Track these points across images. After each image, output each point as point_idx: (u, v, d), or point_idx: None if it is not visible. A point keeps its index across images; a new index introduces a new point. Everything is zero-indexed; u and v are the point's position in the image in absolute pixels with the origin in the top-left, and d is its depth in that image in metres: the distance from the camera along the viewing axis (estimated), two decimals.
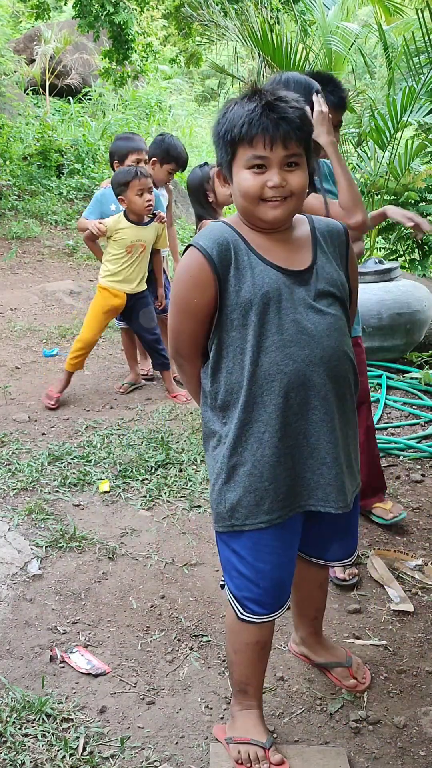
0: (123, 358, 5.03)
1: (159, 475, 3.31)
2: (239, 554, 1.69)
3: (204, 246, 1.58)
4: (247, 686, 1.83)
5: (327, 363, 1.62)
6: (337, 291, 1.67)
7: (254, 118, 1.51)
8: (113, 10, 8.58)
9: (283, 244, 1.64)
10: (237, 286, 1.57)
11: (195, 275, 1.59)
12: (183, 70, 14.87)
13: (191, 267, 1.60)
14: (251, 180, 1.55)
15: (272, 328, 1.57)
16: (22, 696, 2.01)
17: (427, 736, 1.92)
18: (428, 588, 2.53)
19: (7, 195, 8.81)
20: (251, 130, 1.52)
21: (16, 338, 5.45)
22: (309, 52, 6.15)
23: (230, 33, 6.24)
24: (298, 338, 1.58)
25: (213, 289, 1.58)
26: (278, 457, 1.61)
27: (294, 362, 1.58)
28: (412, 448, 3.58)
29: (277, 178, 1.54)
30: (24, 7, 11.21)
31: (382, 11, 6.69)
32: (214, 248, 1.57)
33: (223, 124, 1.57)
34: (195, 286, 1.59)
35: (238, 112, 1.54)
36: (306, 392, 1.60)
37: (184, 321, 1.65)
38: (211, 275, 1.57)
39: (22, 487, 3.18)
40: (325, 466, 1.65)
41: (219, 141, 1.60)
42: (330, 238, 1.70)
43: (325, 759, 1.81)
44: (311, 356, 1.59)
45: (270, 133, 1.51)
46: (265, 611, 1.73)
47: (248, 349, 1.58)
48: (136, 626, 2.34)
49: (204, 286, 1.58)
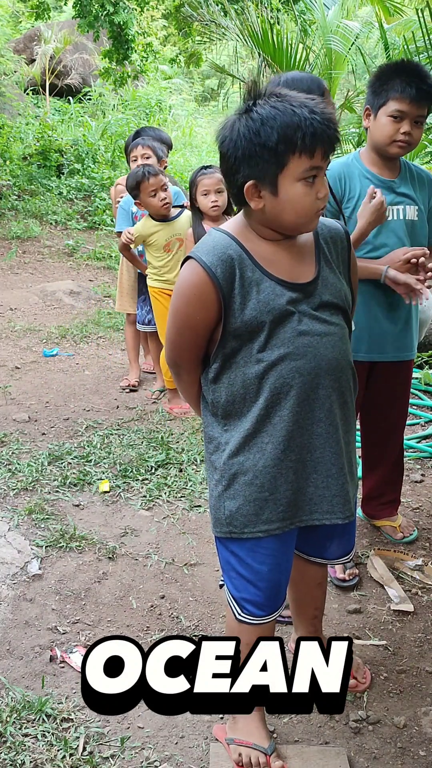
0: (123, 359, 5.03)
1: (159, 475, 3.31)
2: (237, 556, 1.70)
3: (208, 263, 1.53)
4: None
5: (332, 375, 1.61)
6: (340, 301, 1.65)
7: (319, 129, 1.44)
8: (113, 10, 8.59)
9: (289, 254, 1.60)
10: (242, 304, 1.54)
11: (198, 293, 1.55)
12: (183, 70, 14.88)
13: (194, 283, 1.55)
14: (309, 195, 1.50)
15: (278, 342, 1.56)
16: (22, 696, 2.01)
17: (427, 736, 1.92)
18: (428, 588, 2.53)
19: (7, 195, 8.81)
20: (314, 142, 1.44)
21: (16, 338, 5.45)
22: (309, 52, 6.15)
23: (230, 33, 6.25)
24: (304, 351, 1.57)
25: (216, 306, 1.55)
26: (279, 469, 1.60)
27: (300, 375, 1.57)
28: (412, 448, 3.58)
29: (324, 189, 1.52)
30: (24, 7, 11.23)
31: (382, 11, 6.69)
32: (218, 266, 1.53)
33: (270, 132, 1.45)
34: (198, 302, 1.56)
35: (293, 120, 1.44)
36: (311, 405, 1.60)
37: (185, 334, 1.62)
38: (214, 294, 1.53)
39: (22, 487, 3.18)
40: (331, 478, 1.65)
41: (264, 151, 1.46)
42: (333, 244, 1.68)
43: (325, 759, 1.81)
44: (317, 369, 1.58)
45: (329, 145, 1.47)
46: (263, 613, 1.73)
47: (253, 363, 1.56)
48: (136, 626, 2.34)
49: (207, 303, 1.55)
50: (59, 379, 4.61)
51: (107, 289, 7.03)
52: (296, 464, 1.61)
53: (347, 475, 1.68)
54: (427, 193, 2.47)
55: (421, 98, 2.26)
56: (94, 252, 8.14)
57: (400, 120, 2.30)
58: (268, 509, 1.62)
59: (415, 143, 2.34)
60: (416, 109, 2.28)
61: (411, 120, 2.30)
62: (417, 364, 4.58)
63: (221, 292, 1.53)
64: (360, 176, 2.41)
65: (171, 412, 4.02)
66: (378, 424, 2.70)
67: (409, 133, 2.30)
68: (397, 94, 2.26)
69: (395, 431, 2.72)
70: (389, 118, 2.31)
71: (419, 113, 2.30)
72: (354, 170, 2.43)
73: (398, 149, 2.34)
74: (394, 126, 2.31)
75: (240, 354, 1.58)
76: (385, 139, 2.34)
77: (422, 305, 2.58)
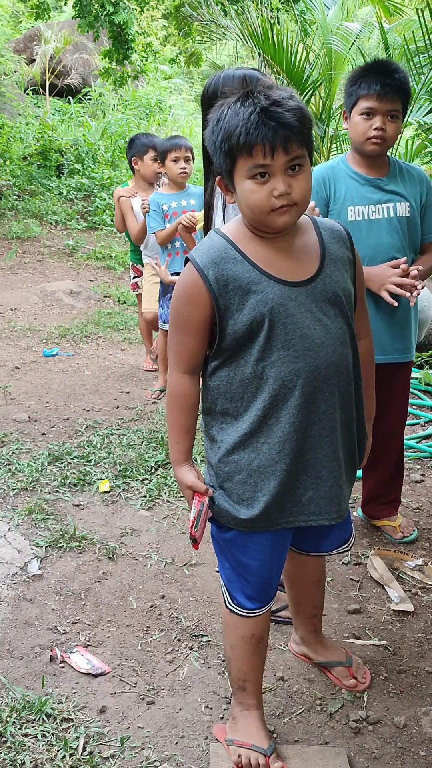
0: (123, 359, 5.04)
1: (159, 475, 3.31)
2: (228, 548, 1.71)
3: (201, 265, 1.54)
4: (245, 683, 1.83)
5: (332, 377, 1.59)
6: (343, 300, 1.63)
7: (251, 127, 1.42)
8: (113, 10, 8.59)
9: (287, 253, 1.59)
10: (240, 305, 1.54)
11: (190, 293, 1.57)
12: (183, 70, 14.87)
13: (188, 284, 1.57)
14: (257, 192, 1.49)
15: (278, 344, 1.54)
16: (22, 696, 2.01)
17: (427, 736, 1.92)
18: (428, 588, 2.53)
19: (7, 195, 8.81)
20: (249, 140, 1.44)
21: (16, 338, 5.45)
22: (309, 52, 6.14)
23: (230, 33, 6.25)
24: (304, 354, 1.55)
25: (209, 309, 1.55)
26: (273, 470, 1.60)
27: (299, 378, 1.55)
28: (412, 448, 3.58)
29: (282, 186, 1.47)
30: (24, 7, 11.23)
31: (382, 11, 6.69)
32: (210, 268, 1.53)
33: (218, 132, 1.49)
34: (189, 303, 1.57)
35: (233, 120, 1.46)
36: (309, 408, 1.58)
37: (178, 333, 1.63)
38: (207, 295, 1.54)
39: (22, 487, 3.18)
40: (320, 480, 1.63)
41: (216, 150, 1.52)
42: (336, 244, 1.66)
43: (325, 759, 1.81)
44: (316, 372, 1.56)
45: (270, 141, 1.44)
46: (252, 606, 1.74)
47: (251, 363, 1.56)
48: (136, 626, 2.34)
49: (199, 305, 1.56)
50: (59, 379, 4.61)
51: (107, 289, 7.03)
52: (288, 466, 1.60)
53: (342, 476, 1.67)
54: (419, 189, 2.48)
55: (388, 93, 2.31)
56: (94, 252, 8.14)
57: (371, 117, 2.36)
58: (258, 508, 1.62)
59: (390, 138, 2.38)
60: (385, 104, 2.32)
61: (383, 115, 2.34)
62: (417, 364, 4.59)
63: (212, 294, 1.53)
64: (345, 177, 2.46)
65: None
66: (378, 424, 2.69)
67: (382, 128, 2.34)
68: (364, 92, 2.33)
69: (395, 432, 2.72)
70: (361, 117, 2.37)
71: (390, 108, 2.34)
72: (339, 172, 2.47)
73: (373, 146, 2.37)
74: (366, 123, 2.36)
75: (239, 354, 1.57)
76: (359, 138, 2.39)
77: (423, 305, 2.59)
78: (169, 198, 4.10)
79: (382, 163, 2.46)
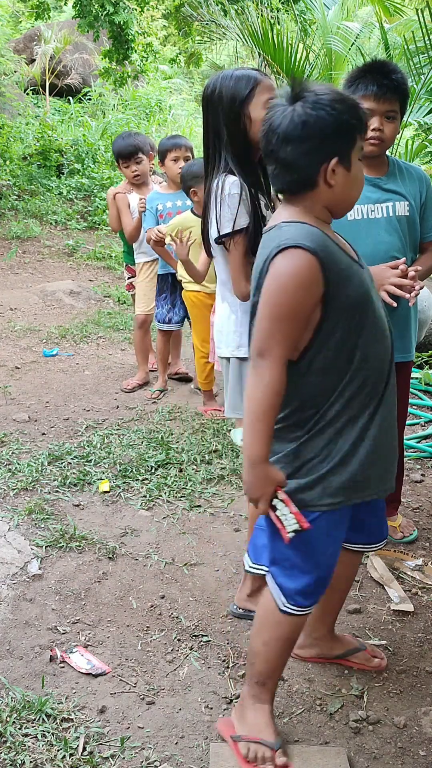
0: (123, 359, 5.03)
1: (159, 475, 3.31)
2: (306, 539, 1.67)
3: (314, 248, 1.51)
4: (267, 680, 1.83)
5: (391, 356, 1.71)
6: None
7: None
8: (113, 10, 8.58)
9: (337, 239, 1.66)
10: (345, 286, 1.56)
11: (303, 278, 1.52)
12: (183, 70, 14.87)
13: (301, 269, 1.51)
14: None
15: (369, 325, 1.62)
16: (22, 696, 2.01)
17: (427, 736, 1.92)
18: (428, 588, 2.53)
19: (7, 195, 8.81)
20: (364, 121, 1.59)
21: (16, 338, 5.45)
22: (309, 52, 6.15)
23: (230, 33, 6.25)
24: (381, 336, 1.66)
25: (321, 292, 1.54)
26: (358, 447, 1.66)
27: (378, 359, 1.65)
28: (412, 448, 3.58)
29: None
30: (24, 7, 11.23)
31: (382, 11, 6.70)
32: (318, 252, 1.52)
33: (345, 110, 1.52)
34: (302, 287, 1.53)
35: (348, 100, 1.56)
36: (384, 386, 1.68)
37: (288, 324, 1.55)
38: (321, 278, 1.53)
39: (22, 487, 3.18)
40: (392, 453, 1.74)
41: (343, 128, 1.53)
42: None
43: (325, 759, 1.81)
44: (386, 352, 1.68)
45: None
46: (309, 602, 1.76)
47: (348, 348, 1.60)
48: (136, 626, 2.34)
49: (312, 287, 1.53)
50: (59, 379, 4.61)
51: (107, 289, 7.03)
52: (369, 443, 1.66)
53: (395, 454, 1.77)
54: (418, 188, 2.48)
55: (385, 93, 2.31)
56: (94, 252, 8.13)
57: (368, 117, 2.34)
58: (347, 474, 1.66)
59: (388, 138, 2.38)
60: (382, 105, 2.33)
61: (380, 116, 2.34)
62: (417, 364, 4.59)
63: (325, 276, 1.53)
64: None
65: (205, 414, 4.02)
66: None
67: (380, 129, 2.35)
68: (361, 92, 2.33)
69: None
70: None
71: (387, 108, 2.34)
72: None
73: (371, 146, 2.37)
74: None
75: (336, 339, 1.59)
76: None
77: (423, 305, 2.58)
78: (165, 198, 4.11)
79: (381, 163, 2.46)
